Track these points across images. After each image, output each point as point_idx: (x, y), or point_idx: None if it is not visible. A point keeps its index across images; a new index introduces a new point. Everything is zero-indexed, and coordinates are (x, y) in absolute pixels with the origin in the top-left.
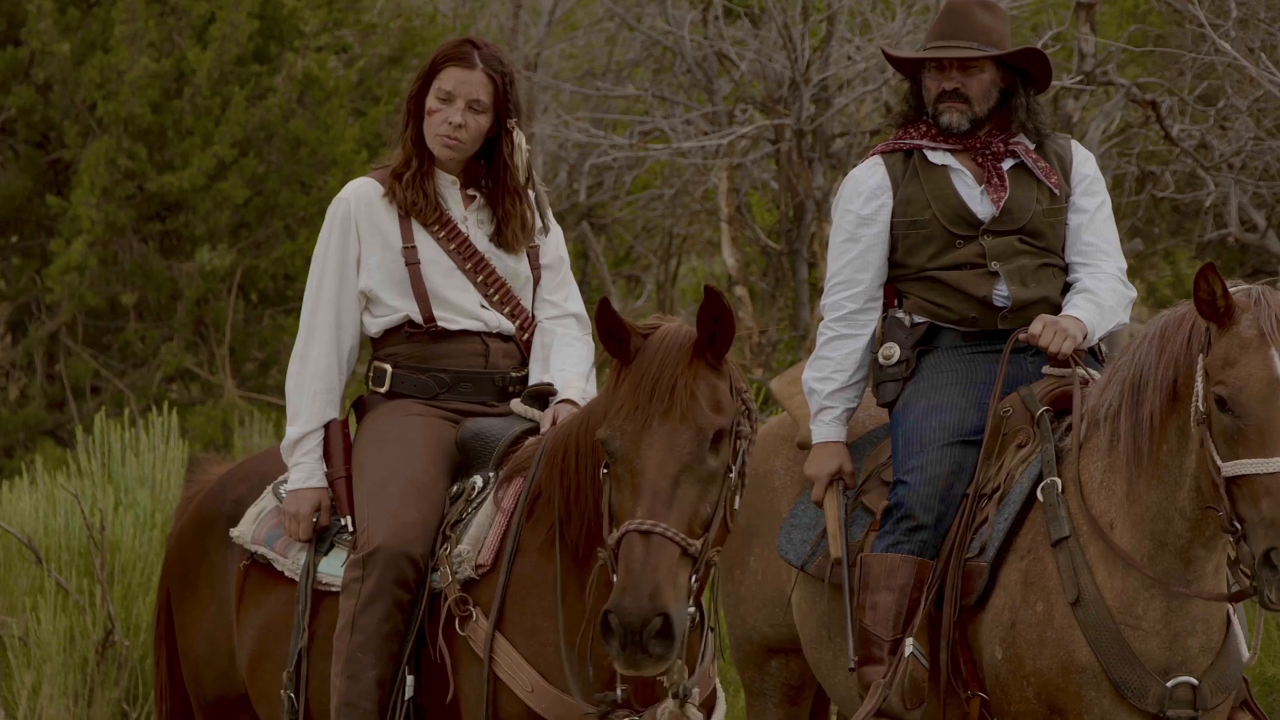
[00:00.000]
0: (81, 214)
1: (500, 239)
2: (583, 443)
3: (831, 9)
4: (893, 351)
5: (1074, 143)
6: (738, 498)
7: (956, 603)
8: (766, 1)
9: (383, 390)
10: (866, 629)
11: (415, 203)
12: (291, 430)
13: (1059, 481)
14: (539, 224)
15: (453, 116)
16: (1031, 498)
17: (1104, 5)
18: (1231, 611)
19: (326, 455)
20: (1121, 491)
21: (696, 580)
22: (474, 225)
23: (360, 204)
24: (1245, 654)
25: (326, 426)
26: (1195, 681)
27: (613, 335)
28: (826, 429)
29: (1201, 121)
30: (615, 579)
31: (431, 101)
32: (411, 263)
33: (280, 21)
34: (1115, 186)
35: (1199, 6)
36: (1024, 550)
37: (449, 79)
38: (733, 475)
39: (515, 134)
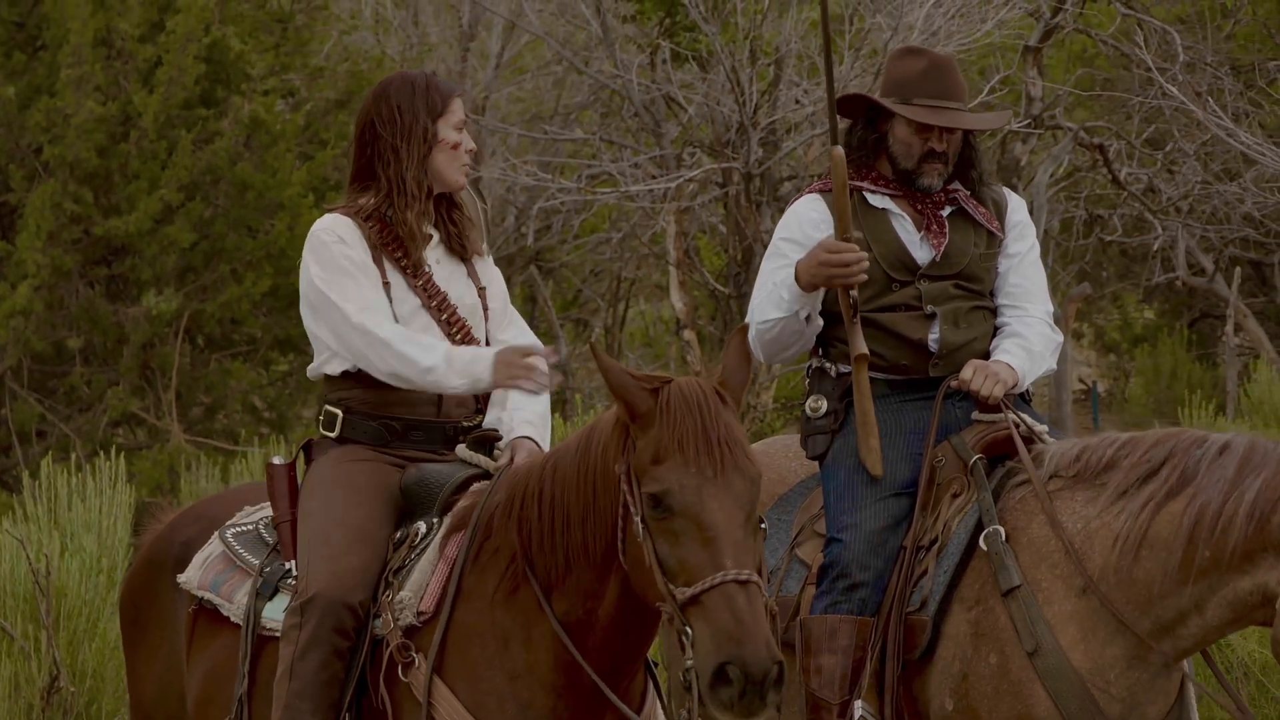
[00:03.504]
0: (27, 258)
1: (451, 249)
2: (559, 495)
3: (779, 53)
4: (820, 404)
5: (1006, 190)
6: None
7: (899, 658)
8: (714, 45)
9: (333, 434)
10: (813, 694)
11: (414, 237)
12: (428, 359)
13: (1003, 530)
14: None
15: (468, 144)
16: (971, 547)
17: (1052, 49)
18: (1186, 679)
19: (272, 498)
20: (1101, 561)
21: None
22: (434, 263)
23: (344, 233)
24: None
25: (271, 468)
26: None
27: (630, 387)
28: (794, 265)
29: (1149, 165)
30: (704, 631)
31: (450, 134)
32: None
33: (227, 65)
34: (1063, 230)
35: (1146, 51)
36: (971, 600)
37: (459, 109)
38: (764, 525)
39: None
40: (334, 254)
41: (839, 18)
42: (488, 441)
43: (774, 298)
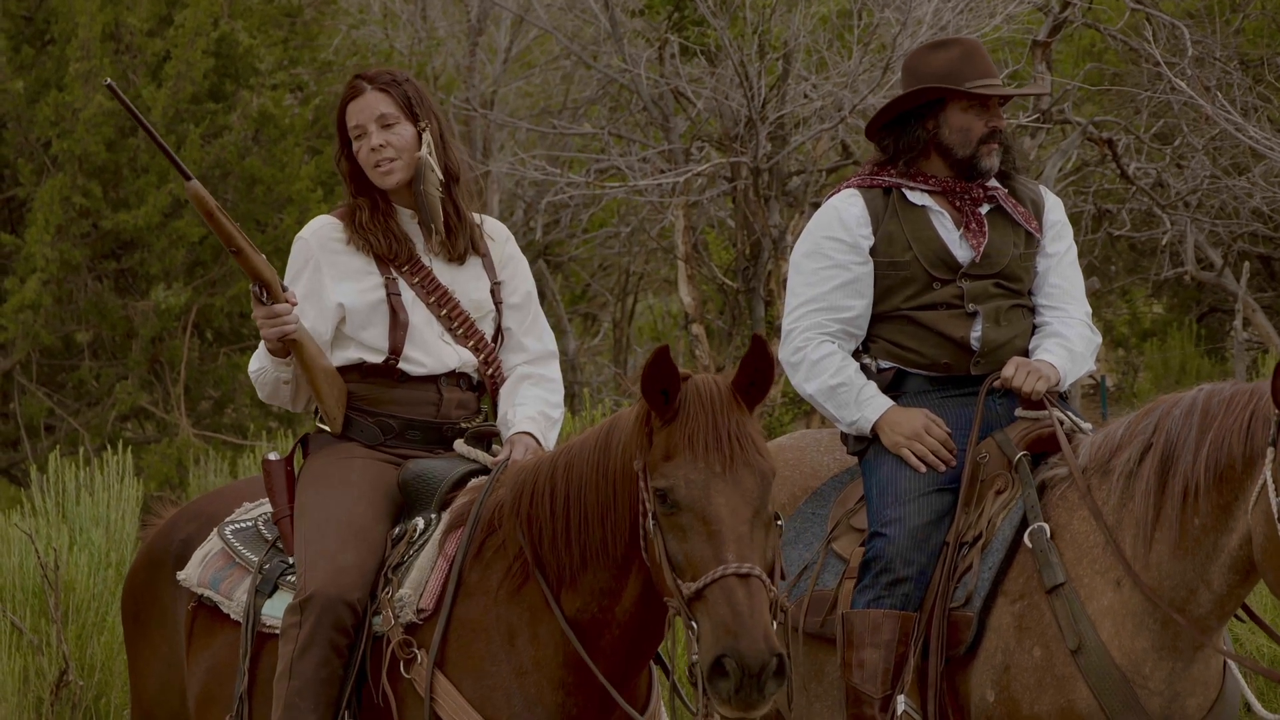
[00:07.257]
0: (36, 252)
1: (451, 250)
2: (574, 493)
3: (788, 47)
4: None
5: (1043, 188)
6: None
7: (942, 653)
8: (723, 39)
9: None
10: (855, 688)
11: (391, 248)
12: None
13: (1047, 527)
14: (480, 232)
15: (371, 142)
16: (1016, 543)
17: (1060, 43)
18: (1227, 668)
19: (270, 494)
20: (1129, 551)
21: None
22: (436, 260)
23: (324, 245)
24: (1256, 705)
25: (268, 464)
26: None
27: (661, 386)
28: (878, 400)
29: (1158, 160)
30: (706, 625)
31: (353, 144)
32: (393, 293)
33: (236, 59)
34: (1072, 224)
35: (1155, 45)
36: (1015, 594)
37: (351, 116)
38: (780, 521)
39: (424, 135)
40: (292, 270)
41: (846, 12)
42: (485, 438)
43: (846, 382)
